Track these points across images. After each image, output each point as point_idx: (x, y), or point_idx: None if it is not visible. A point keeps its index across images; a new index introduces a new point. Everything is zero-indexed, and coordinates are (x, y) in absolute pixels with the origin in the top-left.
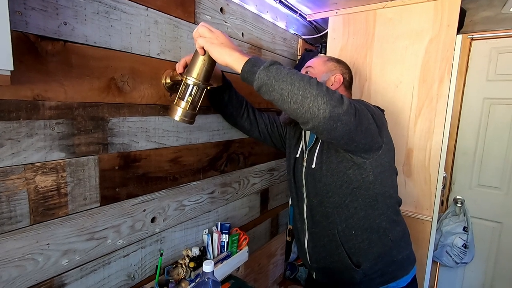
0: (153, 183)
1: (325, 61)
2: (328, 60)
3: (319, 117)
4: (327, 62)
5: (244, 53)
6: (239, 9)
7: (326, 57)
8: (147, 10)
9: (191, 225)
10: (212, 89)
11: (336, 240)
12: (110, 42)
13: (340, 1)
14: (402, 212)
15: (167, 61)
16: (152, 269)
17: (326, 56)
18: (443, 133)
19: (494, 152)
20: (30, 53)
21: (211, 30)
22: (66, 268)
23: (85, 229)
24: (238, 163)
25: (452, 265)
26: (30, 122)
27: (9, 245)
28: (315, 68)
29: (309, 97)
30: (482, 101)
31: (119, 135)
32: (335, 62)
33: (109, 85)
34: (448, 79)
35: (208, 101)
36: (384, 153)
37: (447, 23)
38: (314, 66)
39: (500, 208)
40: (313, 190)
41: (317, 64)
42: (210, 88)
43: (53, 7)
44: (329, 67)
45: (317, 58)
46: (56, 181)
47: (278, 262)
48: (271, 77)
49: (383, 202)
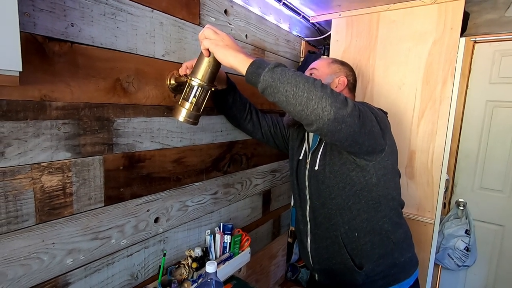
0: (157, 183)
1: (330, 63)
2: (332, 62)
3: (324, 119)
4: (331, 64)
5: (248, 55)
6: (243, 11)
7: (330, 59)
8: (153, 11)
9: (194, 225)
10: (217, 91)
11: (338, 241)
12: (116, 43)
13: (344, 4)
14: (404, 214)
15: (172, 62)
16: (155, 269)
17: (330, 58)
18: (445, 135)
19: (496, 155)
20: (37, 54)
21: (216, 32)
22: (70, 267)
23: (89, 229)
24: (241, 164)
25: (454, 268)
26: (37, 122)
27: (15, 244)
28: (319, 70)
29: (313, 99)
30: (485, 104)
31: (124, 135)
32: (339, 64)
33: (115, 86)
34: (451, 82)
35: (212, 102)
36: (387, 156)
37: (451, 26)
38: (318, 68)
39: (502, 211)
40: (316, 192)
41: (322, 66)
42: (214, 89)
43: (61, 8)
44: (334, 69)
45: (321, 60)
46: (62, 180)
47: (279, 263)
48: (275, 79)
49: (386, 204)
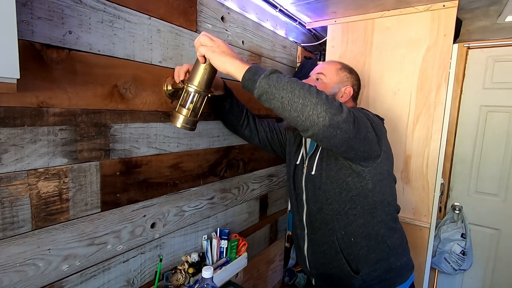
0: (154, 188)
1: (338, 69)
2: (341, 69)
3: (319, 125)
4: (340, 72)
5: (244, 61)
6: (239, 17)
7: (339, 64)
8: (150, 19)
9: (190, 230)
10: (214, 97)
11: (335, 247)
12: (114, 50)
13: (339, 10)
14: (400, 218)
15: (169, 68)
16: (151, 275)
17: (339, 63)
18: (440, 140)
19: (491, 159)
20: (35, 61)
21: (212, 39)
22: (66, 273)
23: (85, 235)
24: (238, 169)
25: (451, 272)
26: (34, 128)
27: (11, 250)
28: (327, 77)
29: (308, 105)
30: (479, 109)
31: (121, 141)
32: (347, 72)
33: (112, 92)
34: (445, 87)
35: (209, 108)
36: (383, 162)
37: (444, 33)
38: (326, 74)
39: (497, 215)
40: (313, 197)
41: (330, 72)
42: (211, 95)
43: (59, 16)
44: (342, 78)
45: (329, 64)
46: (58, 186)
47: (276, 268)
48: (271, 86)
49: (382, 209)
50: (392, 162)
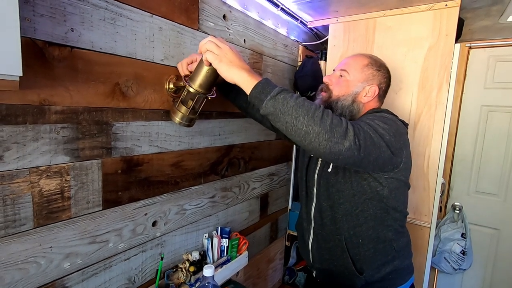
0: (155, 187)
1: (365, 66)
2: (368, 66)
3: (320, 152)
4: (366, 69)
5: (252, 72)
6: (241, 16)
7: (366, 59)
8: (152, 17)
9: (191, 229)
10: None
11: (342, 245)
12: (116, 48)
13: (341, 9)
14: None
15: (170, 66)
16: (152, 273)
17: (367, 57)
18: (441, 139)
19: (492, 159)
20: (37, 59)
21: (219, 46)
22: (68, 271)
23: (87, 233)
24: (239, 167)
25: (451, 272)
26: (36, 126)
27: (12, 247)
28: (350, 74)
29: (311, 134)
30: (480, 109)
31: (123, 139)
32: (375, 70)
33: (114, 90)
34: (447, 87)
35: (210, 106)
36: (402, 171)
37: (446, 32)
38: (350, 71)
39: (497, 215)
40: (325, 193)
41: (354, 69)
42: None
43: (61, 14)
44: (367, 76)
45: (355, 59)
46: (60, 184)
47: (277, 267)
48: (277, 109)
49: (393, 215)
50: (410, 170)
